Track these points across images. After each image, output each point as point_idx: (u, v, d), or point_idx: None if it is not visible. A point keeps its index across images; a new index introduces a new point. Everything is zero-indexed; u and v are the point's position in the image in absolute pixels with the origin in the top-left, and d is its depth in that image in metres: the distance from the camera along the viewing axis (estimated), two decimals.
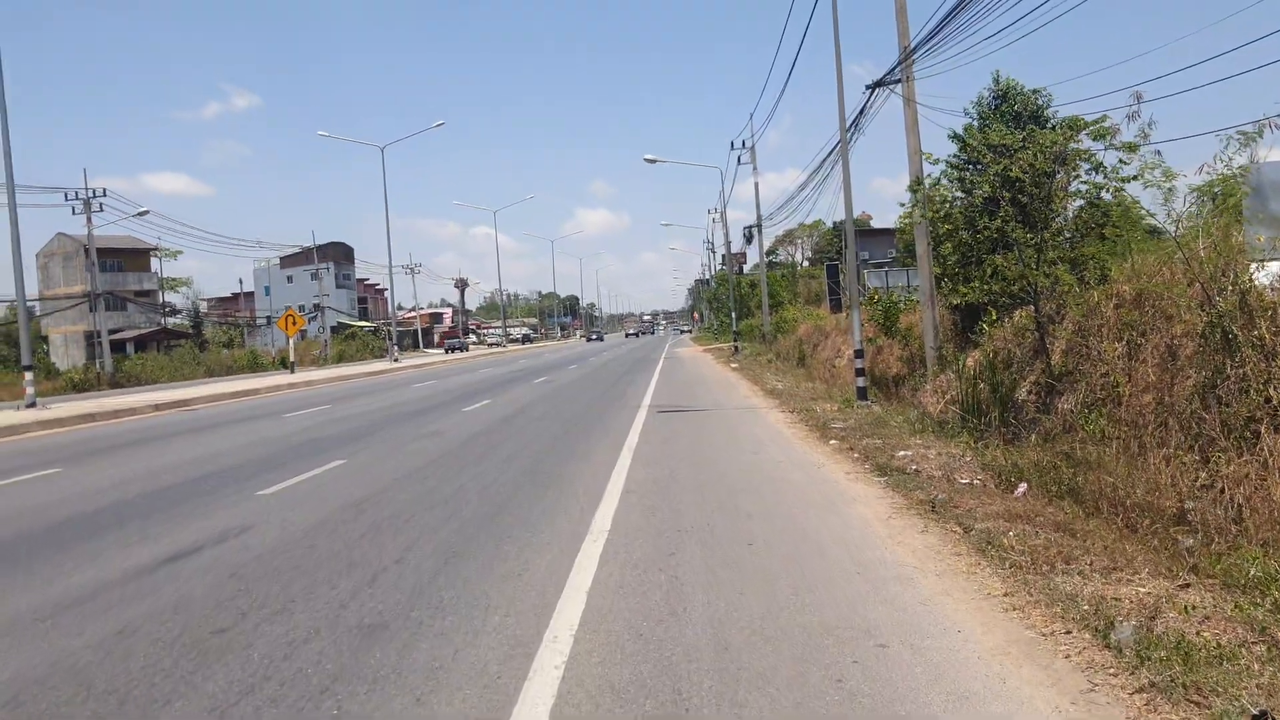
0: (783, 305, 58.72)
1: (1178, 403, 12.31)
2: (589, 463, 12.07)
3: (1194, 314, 12.30)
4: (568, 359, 52.63)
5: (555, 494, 9.87)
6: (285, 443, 15.86)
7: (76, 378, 55.41)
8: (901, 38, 21.52)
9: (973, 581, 5.99)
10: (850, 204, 18.04)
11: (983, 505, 8.42)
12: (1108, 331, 14.64)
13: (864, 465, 11.02)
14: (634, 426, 16.00)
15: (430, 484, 10.76)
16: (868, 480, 10.04)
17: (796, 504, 8.85)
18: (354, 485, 10.96)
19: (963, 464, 11.01)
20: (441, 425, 17.61)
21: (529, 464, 12.10)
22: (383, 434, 16.49)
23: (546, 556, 7.11)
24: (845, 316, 32.43)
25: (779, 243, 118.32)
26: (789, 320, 50.50)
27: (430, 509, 9.19)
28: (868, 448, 12.10)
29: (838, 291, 49.30)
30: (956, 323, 23.76)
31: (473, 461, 12.51)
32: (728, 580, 6.23)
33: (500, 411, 20.18)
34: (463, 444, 14.50)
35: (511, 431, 16.03)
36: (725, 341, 60.11)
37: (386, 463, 12.80)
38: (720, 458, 12.11)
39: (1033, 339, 18.54)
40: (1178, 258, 13.36)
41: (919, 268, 22.32)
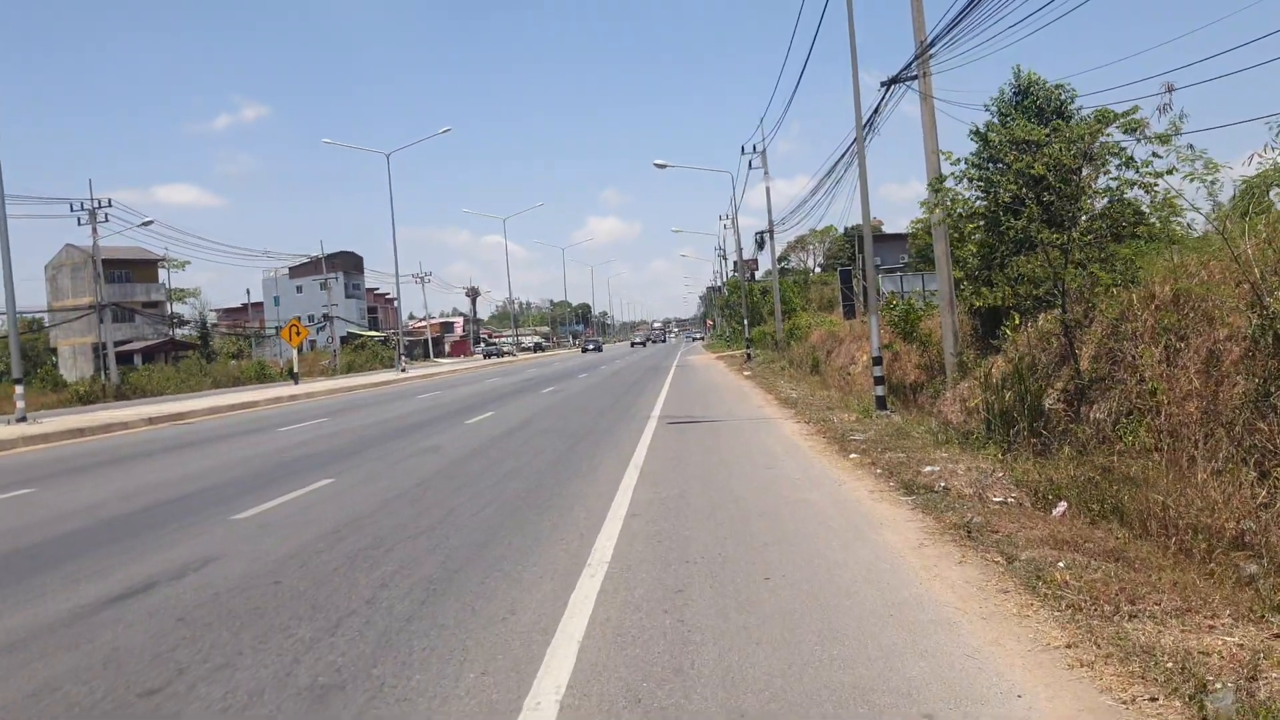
0: (795, 312, 57.88)
1: (1225, 412, 11.45)
2: (592, 482, 11.26)
3: (1241, 316, 11.46)
4: (577, 368, 51.86)
5: (554, 518, 9.06)
6: (274, 459, 15.09)
7: (82, 390, 54.89)
8: (917, 32, 20.70)
9: (1026, 627, 5.16)
10: (867, 205, 17.26)
11: (1023, 529, 7.58)
12: (1143, 335, 13.81)
13: (888, 482, 10.18)
14: (642, 440, 15.19)
15: (420, 507, 9.97)
16: (894, 500, 9.21)
17: (817, 529, 8.02)
18: (337, 508, 10.17)
19: (994, 480, 10.17)
20: (441, 439, 16.83)
21: (528, 483, 11.30)
22: (378, 449, 15.71)
23: (537, 595, 6.30)
24: (860, 322, 31.56)
25: (791, 249, 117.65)
26: (802, 327, 49.66)
27: (415, 537, 8.39)
28: (891, 462, 11.27)
29: (851, 297, 48.45)
30: (976, 328, 22.89)
31: (468, 481, 11.71)
32: (742, 626, 5.41)
33: (504, 424, 19.39)
34: (460, 461, 13.71)
35: (513, 446, 15.24)
36: (738, 349, 59.25)
37: (377, 482, 12.01)
38: (733, 475, 11.28)
39: (1059, 344, 17.68)
40: (1221, 256, 12.53)
41: (938, 271, 21.48)
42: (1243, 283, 11.16)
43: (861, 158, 17.63)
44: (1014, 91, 20.93)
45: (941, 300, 21.36)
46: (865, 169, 17.45)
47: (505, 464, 13.11)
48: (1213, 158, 11.86)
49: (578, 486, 10.93)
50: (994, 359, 20.52)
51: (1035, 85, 20.66)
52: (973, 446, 13.60)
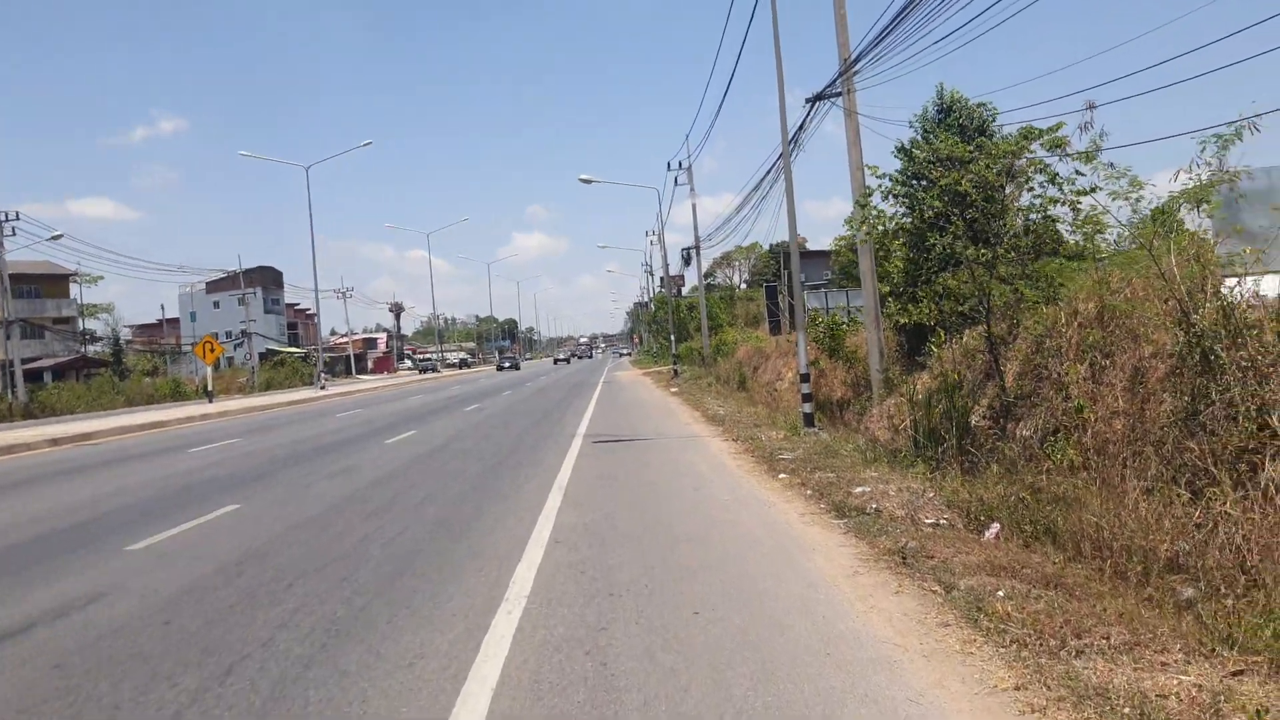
0: (722, 328, 57.90)
1: (1153, 430, 11.40)
2: (515, 505, 10.81)
3: (1168, 333, 11.43)
4: (501, 385, 51.18)
5: (472, 546, 8.60)
6: (179, 483, 14.35)
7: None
8: (842, 49, 20.67)
9: (970, 666, 4.85)
10: (793, 221, 17.08)
11: (959, 554, 7.33)
12: (1068, 352, 13.78)
13: (819, 504, 9.89)
14: (567, 460, 14.76)
15: (329, 535, 9.42)
16: (825, 523, 8.91)
17: (748, 555, 7.68)
18: (240, 537, 9.57)
19: (925, 501, 9.95)
20: (357, 461, 16.21)
21: (446, 508, 10.81)
22: (290, 472, 15.05)
23: (450, 635, 5.85)
24: (786, 338, 31.50)
25: (716, 265, 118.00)
26: (729, 343, 49.64)
27: (322, 568, 7.86)
28: (821, 482, 11.00)
29: (777, 313, 48.54)
30: (902, 344, 22.89)
31: (383, 505, 11.18)
32: (669, 667, 5.03)
33: (424, 444, 18.81)
34: (376, 483, 13.14)
35: (433, 468, 14.70)
36: (665, 364, 59.10)
37: (285, 507, 11.41)
38: (660, 497, 10.92)
39: (984, 360, 17.67)
40: (1146, 272, 12.52)
41: (863, 287, 21.43)
42: (1169, 299, 11.13)
43: (788, 174, 17.48)
44: (937, 110, 21.01)
45: (867, 317, 21.29)
46: (791, 185, 17.30)
47: (424, 486, 12.59)
48: (1137, 175, 11.83)
49: (499, 510, 10.47)
50: (920, 376, 20.48)
51: (958, 103, 20.77)
52: (901, 465, 13.43)
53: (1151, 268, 12.50)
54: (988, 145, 14.87)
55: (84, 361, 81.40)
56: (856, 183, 20.92)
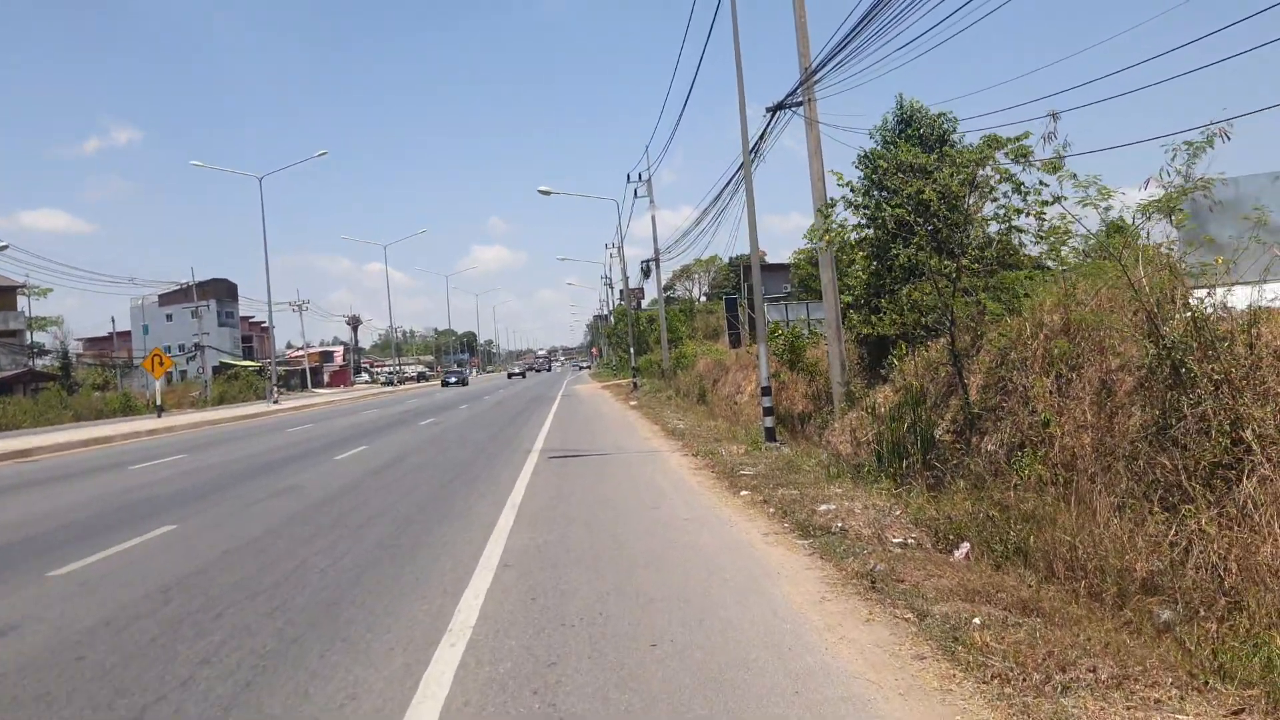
0: (681, 340, 57.65)
1: (1122, 444, 11.16)
2: (465, 526, 10.34)
3: (1137, 345, 11.20)
4: (459, 398, 50.51)
5: (417, 570, 8.13)
6: (116, 502, 13.72)
7: None
8: (802, 58, 20.45)
9: (951, 706, 4.48)
10: (754, 231, 16.76)
11: (930, 577, 6.98)
12: (1033, 364, 13.55)
13: (783, 523, 9.52)
14: (522, 476, 14.31)
15: (266, 559, 8.91)
16: (790, 544, 8.53)
17: (709, 580, 7.28)
18: (172, 562, 9.03)
19: (892, 519, 9.61)
20: (303, 478, 15.64)
21: (393, 529, 10.32)
22: (233, 490, 14.46)
23: (386, 671, 5.40)
24: (747, 351, 31.25)
25: (676, 278, 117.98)
26: (688, 356, 49.34)
27: (255, 596, 7.36)
28: (784, 500, 10.63)
29: (736, 326, 48.36)
30: (863, 356, 22.66)
31: (326, 527, 10.67)
32: (624, 710, 4.61)
33: (375, 460, 18.26)
34: (320, 503, 12.61)
35: (382, 485, 14.19)
36: (624, 378, 58.71)
37: (223, 529, 10.86)
38: (617, 516, 10.49)
39: (947, 373, 17.44)
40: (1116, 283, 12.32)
41: (824, 299, 21.16)
42: (1139, 310, 10.90)
43: (749, 184, 17.16)
44: (897, 120, 20.82)
45: (828, 329, 21.03)
46: (752, 195, 16.99)
47: (370, 505, 12.08)
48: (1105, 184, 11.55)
49: (448, 531, 10.00)
50: (882, 389, 20.24)
51: (918, 113, 20.58)
52: (866, 481, 13.13)
53: (1120, 278, 12.30)
54: (951, 154, 14.62)
55: (31, 375, 79.53)
56: (818, 193, 20.67)
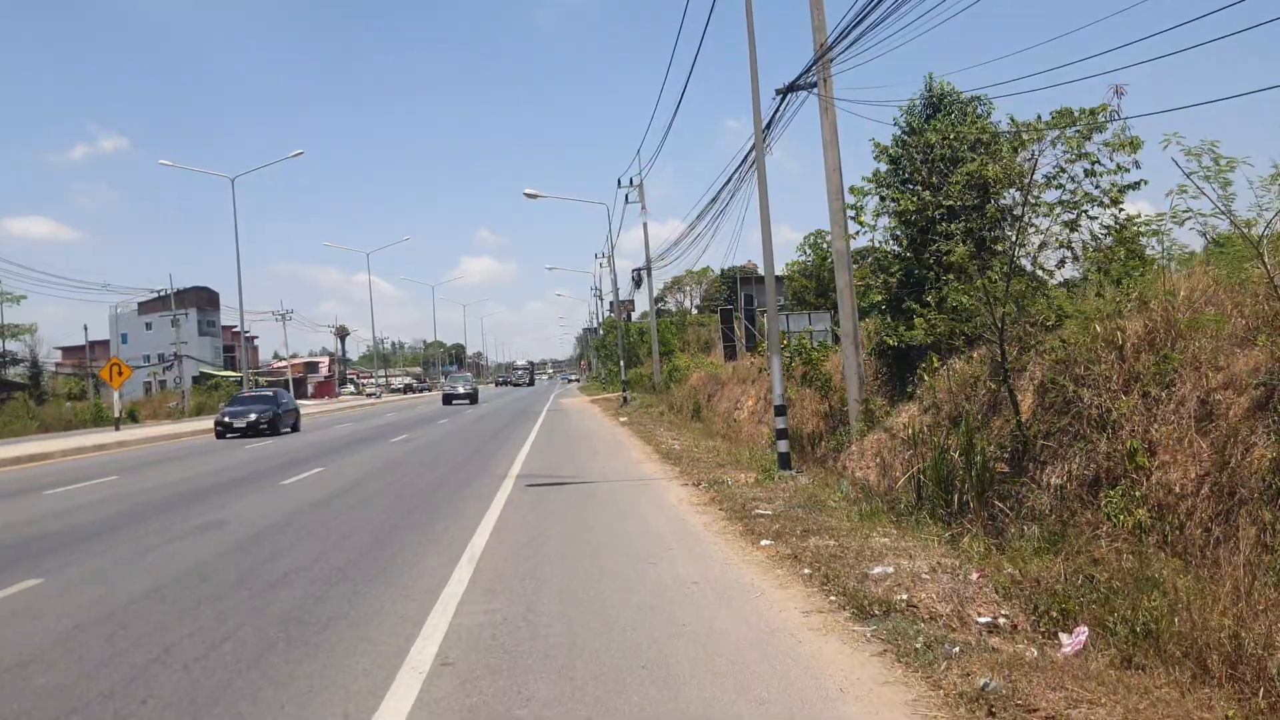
0: (674, 353, 55.28)
1: (1245, 483, 8.85)
2: (405, 589, 7.91)
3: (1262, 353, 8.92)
4: (440, 412, 47.98)
5: (318, 670, 5.69)
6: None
7: None
8: (817, 33, 18.15)
9: None
10: (767, 218, 14.37)
11: (1073, 701, 4.60)
12: (1112, 381, 11.25)
13: (826, 593, 7.11)
14: (490, 512, 11.89)
15: (125, 640, 6.46)
16: (845, 632, 6.11)
17: (739, 701, 4.88)
18: (20, 631, 6.61)
19: (970, 586, 7.21)
20: (234, 510, 13.20)
21: (311, 592, 7.89)
22: (143, 526, 12.00)
23: None
24: (748, 363, 28.88)
25: (668, 290, 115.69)
26: (681, 369, 47.02)
27: (73, 713, 4.94)
28: (819, 554, 8.24)
29: (732, 338, 46.01)
30: (881, 370, 20.31)
31: (228, 586, 8.23)
32: None
33: (326, 486, 15.81)
34: (237, 548, 10.17)
35: (321, 522, 11.75)
36: (614, 391, 56.27)
37: (96, 587, 8.39)
38: (604, 576, 8.08)
39: (989, 390, 15.12)
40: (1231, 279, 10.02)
41: (840, 305, 18.80)
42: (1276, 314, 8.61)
43: (760, 167, 14.80)
44: (925, 104, 18.50)
45: (844, 338, 18.67)
46: (764, 179, 14.62)
47: (297, 551, 9.65)
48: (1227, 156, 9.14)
49: (382, 597, 7.57)
50: (906, 407, 17.87)
51: (949, 97, 18.24)
52: (910, 523, 10.79)
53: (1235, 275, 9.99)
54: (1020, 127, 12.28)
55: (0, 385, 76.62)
56: (833, 185, 18.35)
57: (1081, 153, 11.48)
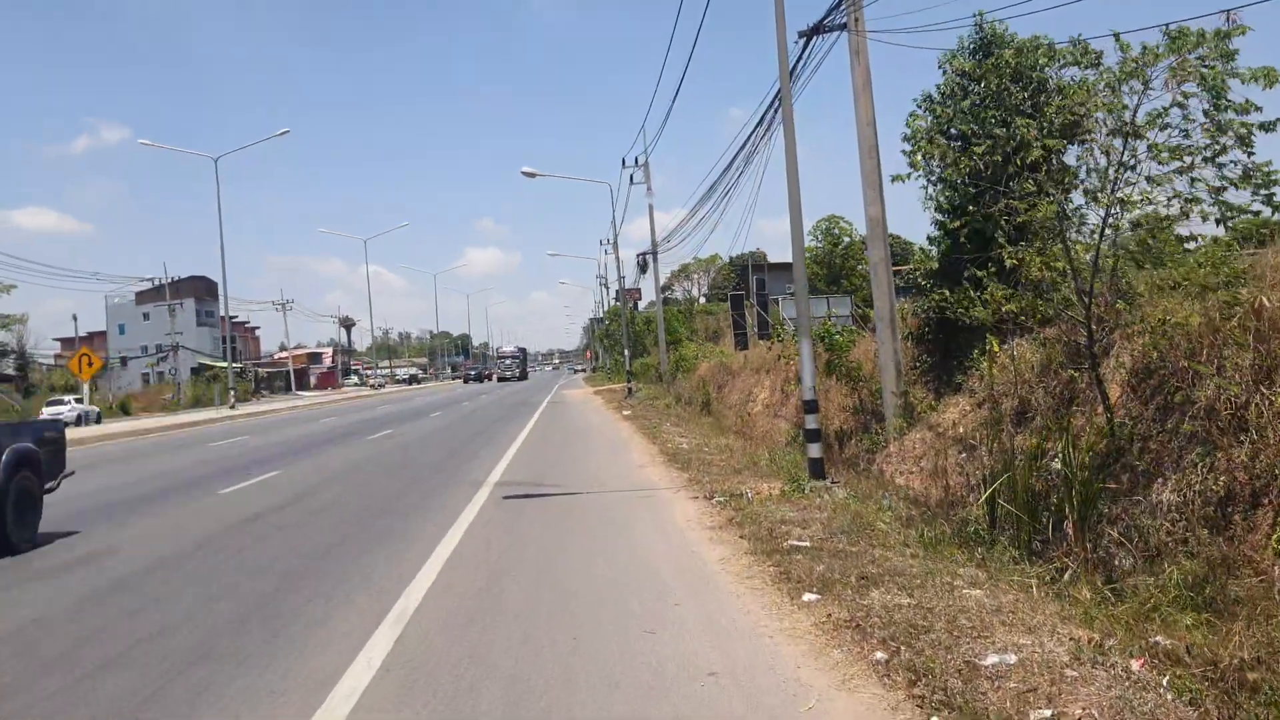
0: (681, 342, 52.70)
1: None
2: (283, 678, 5.38)
3: None
4: (436, 403, 45.48)
5: None
6: None
7: None
8: None
9: None
10: (795, 172, 11.70)
11: None
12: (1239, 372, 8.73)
13: (918, 702, 4.55)
14: (449, 537, 9.37)
15: None
16: None
17: None
18: None
19: (1131, 682, 4.66)
20: (139, 531, 10.78)
21: (149, 682, 5.37)
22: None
23: None
24: (770, 348, 26.29)
25: (674, 278, 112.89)
26: (689, 358, 44.46)
27: None
28: (892, 620, 5.69)
29: (743, 325, 43.40)
30: (921, 358, 17.70)
31: (48, 664, 5.75)
32: None
33: (270, 497, 13.31)
34: (109, 591, 7.68)
35: (232, 552, 9.23)
36: (619, 381, 53.66)
37: None
38: (577, 659, 5.54)
39: (1064, 380, 12.59)
40: None
41: (874, 283, 16.23)
42: None
43: (787, 111, 12.19)
44: (974, 47, 15.88)
45: (879, 321, 16.10)
46: (792, 127, 12.02)
47: (169, 605, 7.15)
48: None
49: (251, 689, 5.06)
50: (954, 400, 15.30)
51: (1003, 40, 15.60)
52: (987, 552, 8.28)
53: None
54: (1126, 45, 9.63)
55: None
56: (866, 141, 15.76)
57: (1210, 85, 8.86)
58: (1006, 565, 7.79)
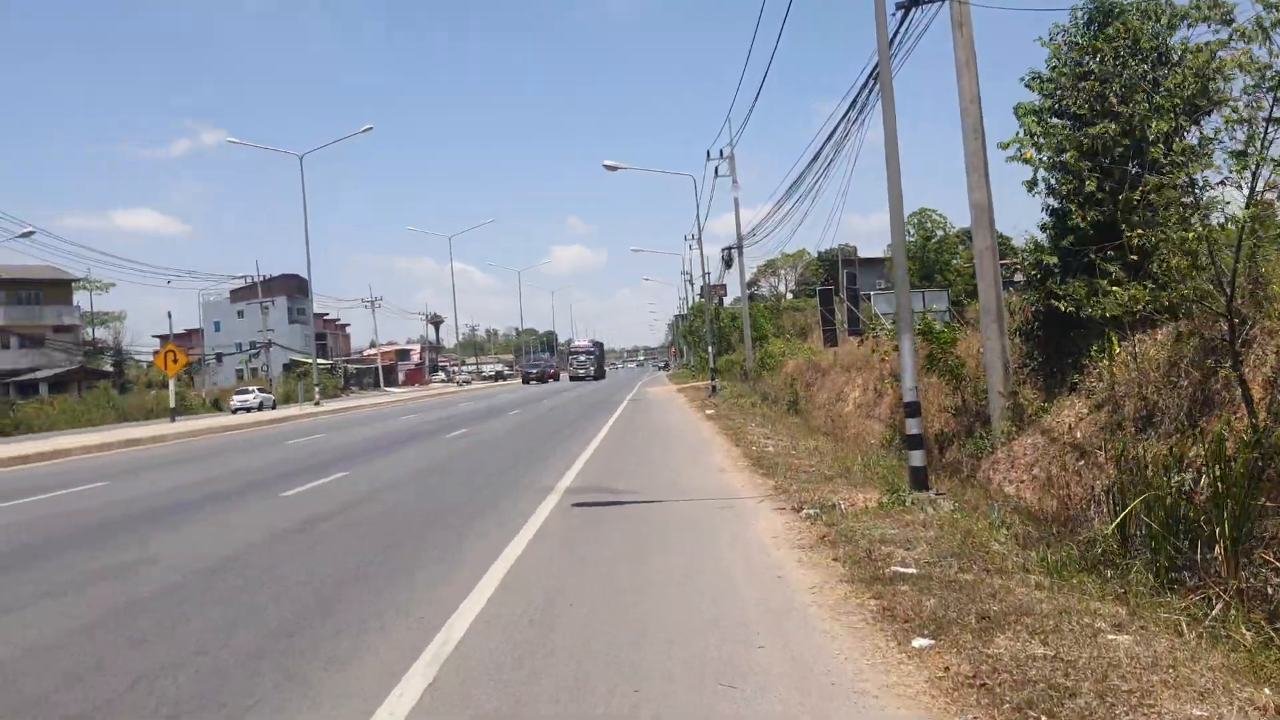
0: (767, 339, 51.46)
1: None
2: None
3: None
4: (517, 401, 44.95)
5: None
6: None
7: None
8: None
9: None
10: (894, 146, 10.49)
11: None
12: None
13: None
14: (506, 555, 8.45)
15: None
16: None
17: None
18: None
19: None
20: (186, 537, 10.09)
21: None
22: (45, 565, 8.87)
23: None
24: (864, 344, 25.03)
25: (760, 274, 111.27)
26: (775, 355, 43.27)
27: None
28: (1027, 679, 4.59)
29: (832, 321, 42.02)
30: (1030, 355, 16.31)
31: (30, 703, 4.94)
32: None
33: (328, 501, 12.60)
34: (124, 610, 6.93)
35: (270, 564, 8.43)
36: (703, 379, 52.60)
37: None
38: (646, 707, 4.56)
39: (1193, 382, 11.29)
40: None
41: (979, 272, 14.93)
42: None
43: (886, 81, 11.01)
44: (1088, 18, 14.49)
45: (984, 314, 14.80)
46: (891, 100, 10.84)
47: (181, 632, 6.34)
48: None
49: None
50: (1068, 401, 13.95)
51: (1120, 9, 14.18)
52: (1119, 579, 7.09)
53: None
54: None
55: (84, 373, 76.16)
56: (971, 119, 14.49)
57: None
58: (1146, 597, 6.60)
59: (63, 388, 74.27)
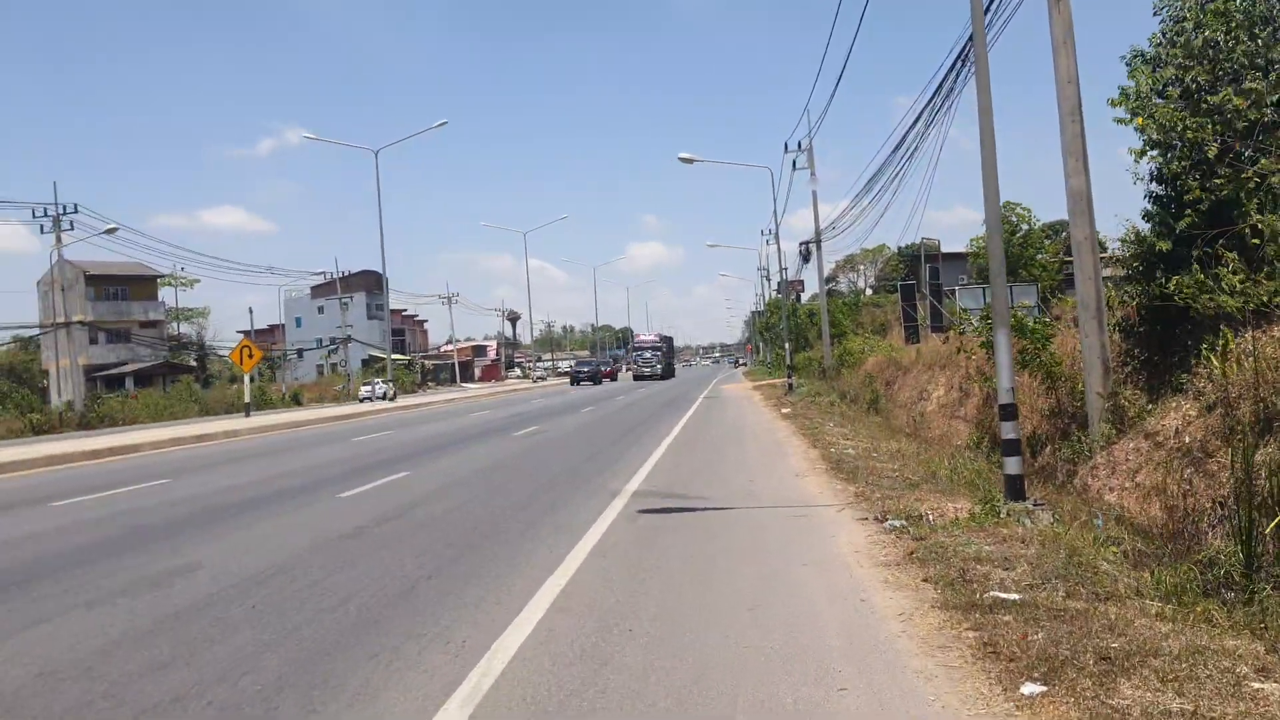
0: (845, 335, 50.22)
1: None
2: None
3: None
4: (590, 397, 44.49)
5: None
6: None
7: (36, 419, 48.28)
8: None
9: None
10: (989, 119, 9.62)
11: None
12: None
13: None
14: (565, 566, 7.85)
15: None
16: None
17: None
18: None
19: None
20: (230, 544, 9.62)
21: None
22: (80, 573, 8.47)
23: None
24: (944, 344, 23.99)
25: (839, 269, 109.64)
26: (854, 352, 42.15)
27: None
28: None
29: (914, 317, 40.77)
30: (1131, 352, 15.24)
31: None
32: None
33: (388, 501, 12.15)
34: (151, 629, 6.44)
35: (316, 577, 7.91)
36: (779, 376, 51.60)
37: None
38: None
39: None
40: None
41: (1077, 264, 13.92)
42: None
43: (980, 47, 10.15)
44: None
45: (1083, 309, 13.81)
46: (986, 70, 9.97)
47: (195, 664, 5.81)
48: None
49: None
50: (1173, 402, 12.90)
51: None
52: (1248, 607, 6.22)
53: None
54: None
55: (168, 368, 77.74)
56: (1069, 101, 13.49)
57: None
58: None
59: (148, 381, 75.90)
